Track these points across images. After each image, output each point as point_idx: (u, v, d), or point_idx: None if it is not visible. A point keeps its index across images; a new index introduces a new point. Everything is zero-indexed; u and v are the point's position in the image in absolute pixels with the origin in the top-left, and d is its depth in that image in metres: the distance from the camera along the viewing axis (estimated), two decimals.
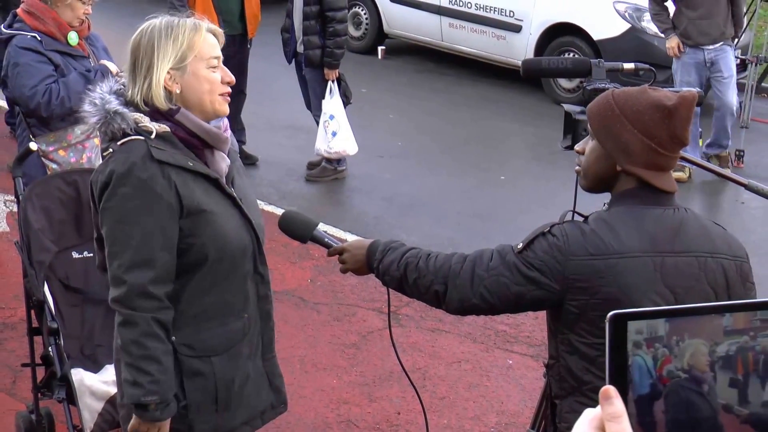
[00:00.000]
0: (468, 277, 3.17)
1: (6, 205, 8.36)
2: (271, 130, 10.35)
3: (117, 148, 3.44)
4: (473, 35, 12.94)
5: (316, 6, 8.99)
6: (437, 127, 11.18)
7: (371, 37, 14.03)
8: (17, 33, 5.86)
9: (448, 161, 10.14)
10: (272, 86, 10.89)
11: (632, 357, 1.23)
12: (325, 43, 9.03)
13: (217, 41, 3.54)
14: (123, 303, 3.41)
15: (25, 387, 5.55)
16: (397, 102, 11.99)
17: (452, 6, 13.08)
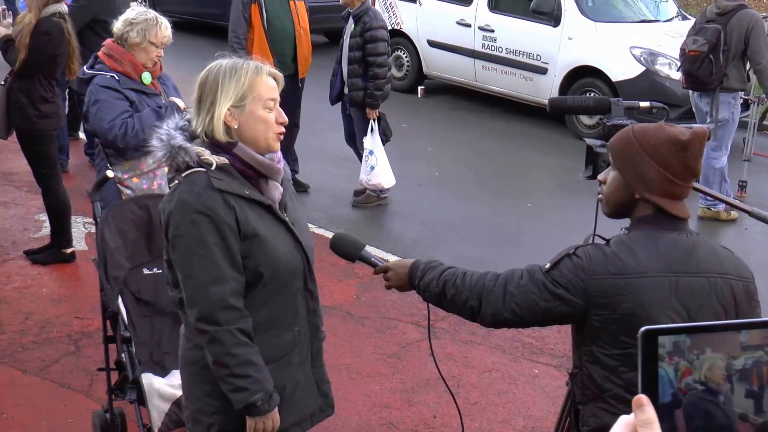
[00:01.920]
0: (500, 294, 3.17)
1: (84, 226, 8.40)
2: (321, 161, 10.37)
3: (182, 179, 3.46)
4: (504, 76, 12.93)
5: (360, 52, 9.02)
6: (470, 159, 11.16)
7: (412, 78, 14.05)
8: (98, 73, 5.91)
9: (479, 189, 10.12)
10: (323, 121, 10.91)
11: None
12: (367, 86, 9.06)
13: (276, 84, 3.55)
14: (207, 319, 3.42)
15: (101, 389, 5.56)
16: (435, 136, 11.98)
17: (485, 50, 13.08)
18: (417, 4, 14.02)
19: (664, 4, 13.43)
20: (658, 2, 13.41)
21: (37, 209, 8.59)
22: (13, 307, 7.05)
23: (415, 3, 14.04)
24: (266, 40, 9.09)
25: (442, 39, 13.70)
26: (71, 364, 6.26)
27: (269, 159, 3.57)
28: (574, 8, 12.35)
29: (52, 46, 7.43)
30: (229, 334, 3.43)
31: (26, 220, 8.72)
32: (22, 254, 7.93)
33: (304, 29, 9.41)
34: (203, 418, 3.67)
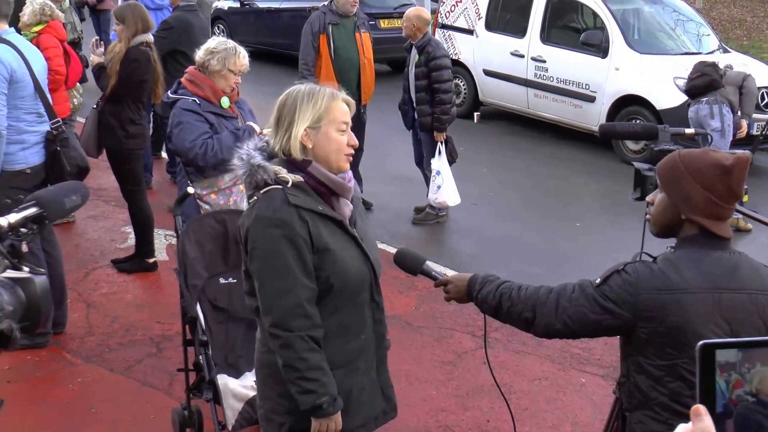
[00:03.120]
0: (553, 307, 3.17)
1: (165, 238, 8.49)
2: (384, 181, 10.39)
3: (260, 195, 3.50)
4: (554, 104, 12.89)
5: (425, 80, 9.04)
6: (522, 180, 11.12)
7: (468, 104, 14.04)
8: (181, 97, 5.97)
9: (531, 209, 10.08)
10: (385, 144, 10.94)
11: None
12: (434, 111, 9.06)
13: (348, 109, 3.58)
14: (280, 326, 3.45)
15: (180, 388, 5.61)
16: (489, 158, 11.96)
17: (537, 79, 13.04)
18: (474, 36, 14.01)
19: (706, 37, 13.30)
20: (700, 36, 13.29)
21: (124, 222, 8.70)
22: (101, 311, 7.15)
23: (472, 35, 14.04)
24: (333, 68, 9.15)
25: (497, 68, 13.68)
26: (153, 365, 6.33)
27: (341, 178, 3.60)
28: (621, 41, 12.29)
29: (140, 72, 7.54)
30: (300, 340, 3.45)
31: (113, 232, 8.84)
32: (110, 263, 8.04)
33: (369, 59, 9.45)
34: (275, 417, 3.70)
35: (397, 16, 16.07)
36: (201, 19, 9.71)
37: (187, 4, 9.55)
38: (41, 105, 6.53)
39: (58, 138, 6.56)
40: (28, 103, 6.44)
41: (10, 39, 6.43)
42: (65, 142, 6.59)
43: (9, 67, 6.26)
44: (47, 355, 6.39)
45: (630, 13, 13.18)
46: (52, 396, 5.96)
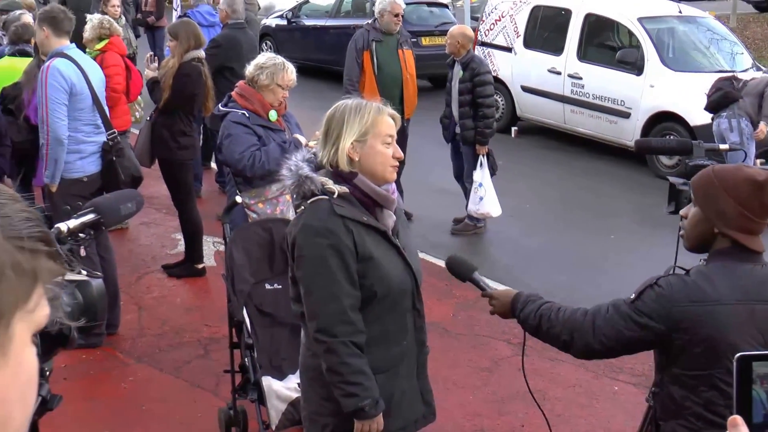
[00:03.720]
0: (589, 328, 3.16)
1: (214, 245, 8.53)
2: (424, 192, 10.37)
3: (307, 205, 3.51)
4: (590, 119, 12.82)
5: (469, 95, 9.02)
6: (558, 194, 11.07)
7: (506, 119, 13.99)
8: (231, 110, 6.01)
9: (566, 222, 10.02)
10: (426, 157, 10.93)
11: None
12: (477, 125, 9.05)
13: (394, 123, 3.59)
14: (325, 331, 3.46)
15: (226, 389, 5.63)
16: (526, 172, 11.91)
17: (574, 96, 12.99)
18: (512, 53, 13.99)
19: (740, 56, 13.17)
20: (734, 54, 13.16)
21: (174, 229, 8.76)
22: (152, 314, 7.20)
23: (511, 52, 14.01)
24: (376, 83, 9.15)
25: (534, 85, 13.64)
26: (201, 366, 6.37)
27: (385, 190, 3.60)
28: (656, 59, 12.21)
29: (191, 86, 7.60)
30: (343, 345, 3.46)
31: (164, 238, 8.90)
32: (160, 268, 8.10)
33: (411, 75, 9.46)
34: (319, 419, 3.71)
35: (438, 34, 16.08)
36: (249, 35, 9.77)
37: (235, 21, 9.62)
38: (99, 117, 6.61)
39: (114, 148, 6.63)
40: (87, 115, 6.52)
41: (70, 54, 6.52)
42: (120, 153, 6.67)
43: (69, 81, 6.34)
44: (101, 354, 6.45)
45: (665, 32, 13.09)
46: (105, 393, 6.02)
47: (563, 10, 13.41)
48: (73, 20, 6.74)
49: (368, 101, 3.61)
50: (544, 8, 13.75)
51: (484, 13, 14.76)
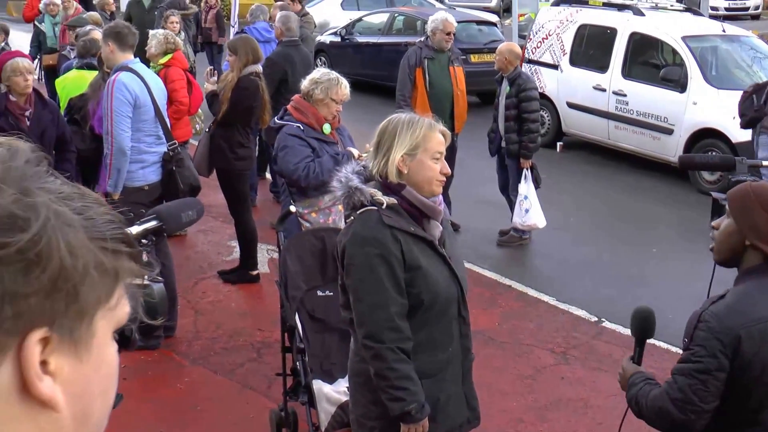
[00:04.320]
0: (675, 409, 3.06)
1: (267, 252, 8.57)
2: (471, 204, 10.34)
3: (357, 216, 3.53)
4: (634, 135, 12.70)
5: (515, 110, 8.99)
6: (601, 207, 10.98)
7: (552, 134, 13.91)
8: (286, 123, 6.05)
9: (609, 235, 9.93)
10: (474, 171, 10.90)
11: None
12: (522, 139, 9.01)
13: (444, 140, 3.59)
14: (373, 337, 3.48)
15: (277, 391, 5.65)
16: (570, 186, 11.84)
17: (618, 112, 12.88)
18: (559, 70, 13.92)
19: None
20: None
21: (230, 236, 8.82)
22: (208, 318, 7.25)
23: (557, 69, 13.94)
24: (428, 99, 9.15)
25: (579, 101, 13.55)
26: (253, 369, 6.40)
27: (432, 201, 3.61)
28: (699, 76, 12.08)
29: (249, 99, 7.65)
30: (390, 351, 3.47)
31: (220, 246, 8.97)
32: (216, 274, 8.15)
33: (462, 91, 9.44)
34: (366, 422, 3.72)
35: (487, 52, 16.06)
36: (302, 51, 9.80)
37: (289, 39, 9.67)
38: (160, 128, 6.69)
39: (174, 159, 6.70)
40: (149, 127, 6.60)
41: (134, 68, 6.61)
42: (180, 163, 6.74)
43: (133, 93, 6.43)
44: (158, 356, 6.50)
45: (708, 51, 12.95)
46: (162, 393, 6.07)
47: (609, 29, 13.33)
48: (137, 35, 6.83)
49: (421, 117, 3.62)
50: (590, 27, 13.68)
51: (532, 32, 14.71)
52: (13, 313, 0.92)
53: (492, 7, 29.14)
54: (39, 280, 0.92)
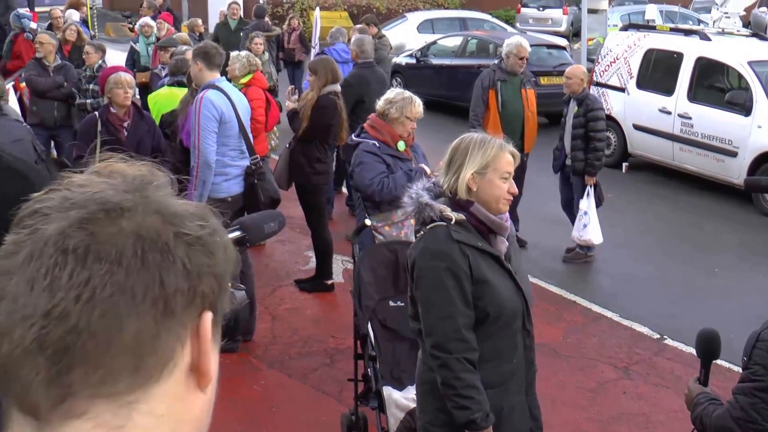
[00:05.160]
0: (739, 430, 3.01)
1: (342, 263, 8.61)
2: (538, 221, 10.26)
3: (427, 230, 3.54)
4: (698, 157, 12.47)
5: (582, 130, 8.91)
6: (665, 227, 10.78)
7: (618, 155, 13.74)
8: (363, 140, 6.07)
9: (671, 254, 9.73)
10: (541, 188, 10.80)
11: None
12: (588, 157, 8.93)
13: (513, 161, 3.58)
14: (440, 347, 3.47)
15: (349, 396, 5.66)
16: (635, 205, 11.66)
17: (683, 134, 12.67)
18: (625, 93, 13.75)
19: None
20: None
21: (306, 247, 8.87)
22: (284, 324, 7.30)
23: (624, 92, 13.78)
24: (499, 120, 9.12)
25: (645, 123, 13.37)
26: (326, 374, 6.42)
27: (498, 218, 3.59)
28: (764, 100, 11.81)
29: (327, 117, 7.70)
30: (457, 361, 3.45)
31: (297, 255, 9.03)
32: (293, 282, 8.20)
33: (532, 112, 9.39)
34: (433, 429, 3.70)
35: (556, 74, 15.93)
36: (377, 72, 9.84)
37: (364, 60, 9.73)
38: (243, 143, 6.77)
39: (256, 172, 6.78)
40: (233, 142, 6.68)
41: (221, 86, 6.70)
42: (261, 176, 6.81)
43: (219, 110, 6.52)
44: (237, 358, 6.56)
45: None
46: (239, 394, 6.11)
47: (675, 54, 13.13)
48: (224, 55, 6.94)
49: (492, 137, 3.62)
50: (657, 51, 13.50)
51: (600, 55, 14.58)
52: (203, 290, 0.97)
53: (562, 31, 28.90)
54: (215, 263, 0.99)
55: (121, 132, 6.79)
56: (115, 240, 0.93)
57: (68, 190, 0.98)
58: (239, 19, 15.92)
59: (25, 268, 0.92)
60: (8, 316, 0.92)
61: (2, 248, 0.97)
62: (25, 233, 0.95)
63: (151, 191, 1.00)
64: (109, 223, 0.94)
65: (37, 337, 0.90)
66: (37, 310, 0.91)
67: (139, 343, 0.93)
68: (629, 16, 24.52)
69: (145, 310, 0.93)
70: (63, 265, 0.91)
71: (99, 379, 0.92)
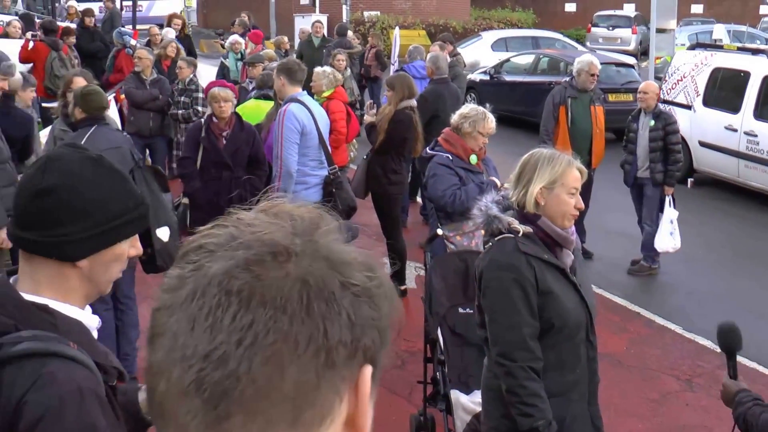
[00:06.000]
0: None
1: (415, 270, 8.54)
2: (603, 234, 10.07)
3: (495, 242, 3.50)
4: (764, 174, 12.11)
5: (661, 142, 8.73)
6: (729, 243, 10.47)
7: (684, 171, 13.39)
8: (437, 153, 6.05)
9: (736, 270, 9.44)
10: (607, 202, 10.62)
11: None
12: (669, 168, 8.77)
13: (580, 177, 3.52)
14: (505, 356, 3.42)
15: (418, 398, 5.61)
16: (700, 220, 11.36)
17: (749, 152, 12.32)
18: (692, 110, 13.45)
19: None
20: None
21: (381, 253, 8.83)
22: None
23: (690, 110, 13.48)
24: (569, 135, 9.00)
25: (711, 140, 13.05)
26: (396, 376, 6.37)
27: (564, 232, 3.53)
28: None
29: (403, 131, 7.69)
30: (521, 370, 3.40)
31: None
32: None
33: (601, 129, 9.25)
34: None
35: (624, 92, 15.72)
36: (452, 88, 9.81)
37: (439, 77, 9.70)
38: (323, 154, 6.80)
39: (334, 182, 6.80)
40: (313, 152, 6.71)
41: (303, 100, 6.74)
42: (339, 185, 6.83)
43: (301, 122, 6.56)
44: None
45: None
46: None
47: (742, 73, 12.79)
48: (305, 71, 6.98)
49: (561, 153, 3.56)
50: (724, 70, 13.17)
51: (667, 74, 14.30)
52: (365, 343, 0.92)
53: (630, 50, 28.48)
54: (379, 317, 0.93)
55: (220, 140, 6.92)
56: (280, 285, 0.88)
57: (235, 228, 0.93)
58: (322, 36, 16.02)
59: (187, 305, 0.88)
60: (167, 355, 0.88)
61: (166, 281, 0.93)
62: (189, 268, 0.91)
63: (319, 236, 0.94)
64: (276, 267, 0.89)
65: (195, 379, 0.86)
66: (197, 351, 0.86)
67: (299, 394, 0.88)
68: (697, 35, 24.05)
69: (307, 361, 0.88)
70: (226, 307, 0.87)
71: (258, 428, 0.87)
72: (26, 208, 1.85)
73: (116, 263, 1.91)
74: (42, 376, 1.66)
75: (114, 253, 1.88)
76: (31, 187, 1.84)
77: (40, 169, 1.86)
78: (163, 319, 0.90)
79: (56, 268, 1.84)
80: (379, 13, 31.78)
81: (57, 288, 1.84)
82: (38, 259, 1.84)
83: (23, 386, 1.65)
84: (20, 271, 1.87)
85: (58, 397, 1.65)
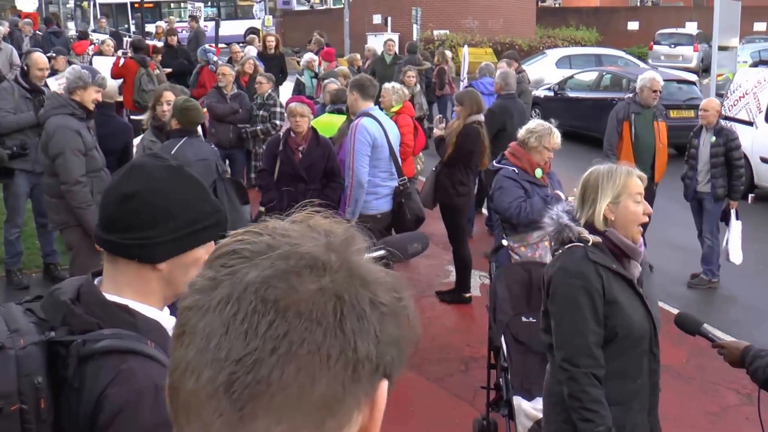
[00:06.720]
0: None
1: (480, 278, 8.49)
2: (664, 247, 9.86)
3: (564, 250, 3.45)
4: None
5: (723, 157, 8.53)
6: None
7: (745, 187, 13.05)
8: (503, 166, 5.98)
9: None
10: (668, 215, 10.39)
11: None
12: (732, 183, 8.56)
13: (641, 182, 3.46)
14: (570, 361, 3.37)
15: (481, 402, 5.55)
16: (761, 235, 11.03)
17: None
18: (753, 127, 13.09)
19: None
20: None
21: (447, 262, 8.81)
22: (424, 332, 7.09)
23: (752, 126, 13.12)
24: (632, 150, 8.83)
25: None
26: (460, 380, 6.32)
27: (633, 243, 3.45)
28: None
29: (471, 144, 7.64)
30: (584, 376, 3.34)
31: (438, 269, 8.97)
32: (434, 293, 8.15)
33: (663, 144, 9.06)
34: None
35: (686, 108, 15.40)
36: (518, 103, 9.74)
37: (506, 93, 9.63)
38: (393, 165, 6.78)
39: (404, 192, 6.78)
40: (384, 164, 6.70)
41: (374, 114, 6.74)
42: (408, 196, 6.80)
43: (372, 136, 6.55)
44: None
45: None
46: None
47: None
48: (377, 87, 6.98)
49: (617, 166, 3.50)
50: None
51: (729, 90, 13.94)
52: (386, 359, 0.93)
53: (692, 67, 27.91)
54: (401, 335, 0.95)
55: (296, 154, 6.94)
56: (316, 298, 0.88)
57: (271, 237, 0.93)
58: (394, 54, 16.03)
59: (222, 308, 0.88)
60: (199, 355, 0.88)
61: (198, 281, 0.92)
62: (224, 272, 0.90)
63: (352, 254, 0.94)
64: (313, 280, 0.89)
65: (226, 381, 0.86)
66: (230, 355, 0.86)
67: (325, 405, 0.88)
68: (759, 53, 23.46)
69: (336, 373, 0.88)
70: (262, 314, 0.87)
71: None
72: (111, 212, 1.87)
73: (194, 267, 1.91)
74: (121, 372, 1.67)
75: (193, 257, 1.89)
76: (116, 192, 1.86)
77: (124, 176, 1.89)
78: (195, 319, 0.89)
79: (137, 270, 1.85)
80: (448, 32, 31.76)
81: (138, 289, 1.85)
82: (121, 261, 1.86)
83: (104, 381, 1.67)
84: (104, 272, 1.89)
85: (135, 392, 1.66)
